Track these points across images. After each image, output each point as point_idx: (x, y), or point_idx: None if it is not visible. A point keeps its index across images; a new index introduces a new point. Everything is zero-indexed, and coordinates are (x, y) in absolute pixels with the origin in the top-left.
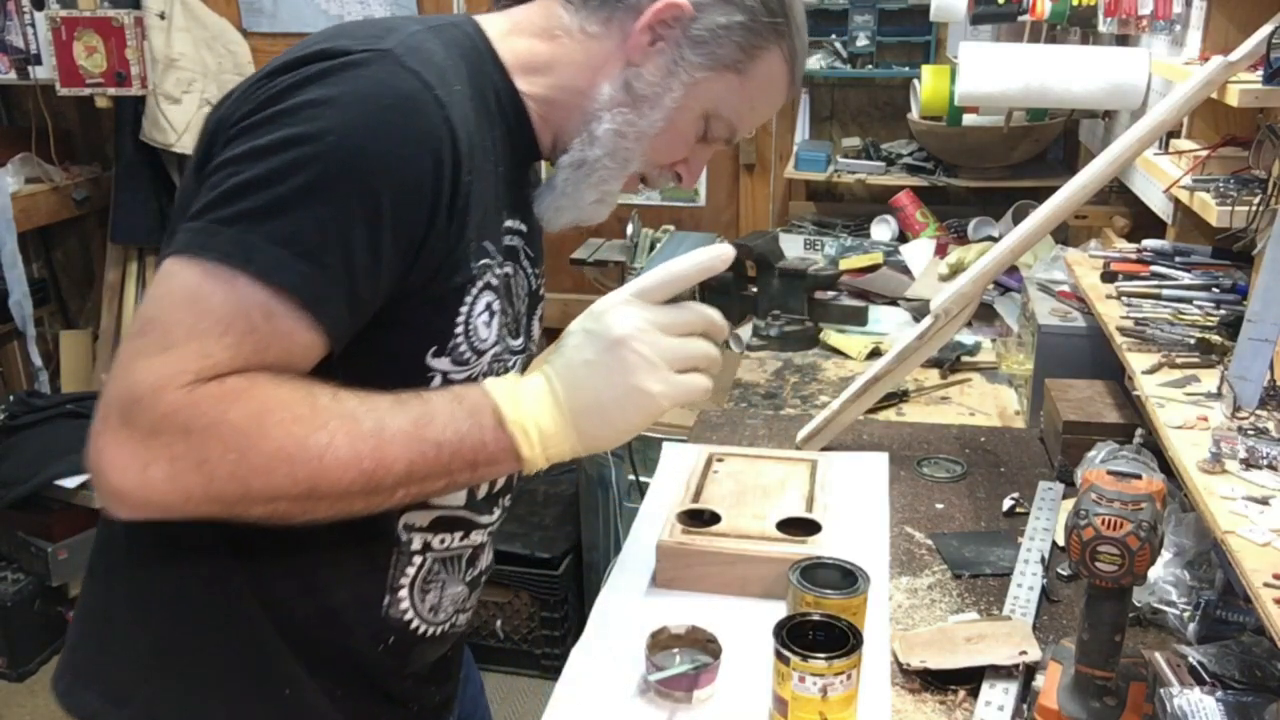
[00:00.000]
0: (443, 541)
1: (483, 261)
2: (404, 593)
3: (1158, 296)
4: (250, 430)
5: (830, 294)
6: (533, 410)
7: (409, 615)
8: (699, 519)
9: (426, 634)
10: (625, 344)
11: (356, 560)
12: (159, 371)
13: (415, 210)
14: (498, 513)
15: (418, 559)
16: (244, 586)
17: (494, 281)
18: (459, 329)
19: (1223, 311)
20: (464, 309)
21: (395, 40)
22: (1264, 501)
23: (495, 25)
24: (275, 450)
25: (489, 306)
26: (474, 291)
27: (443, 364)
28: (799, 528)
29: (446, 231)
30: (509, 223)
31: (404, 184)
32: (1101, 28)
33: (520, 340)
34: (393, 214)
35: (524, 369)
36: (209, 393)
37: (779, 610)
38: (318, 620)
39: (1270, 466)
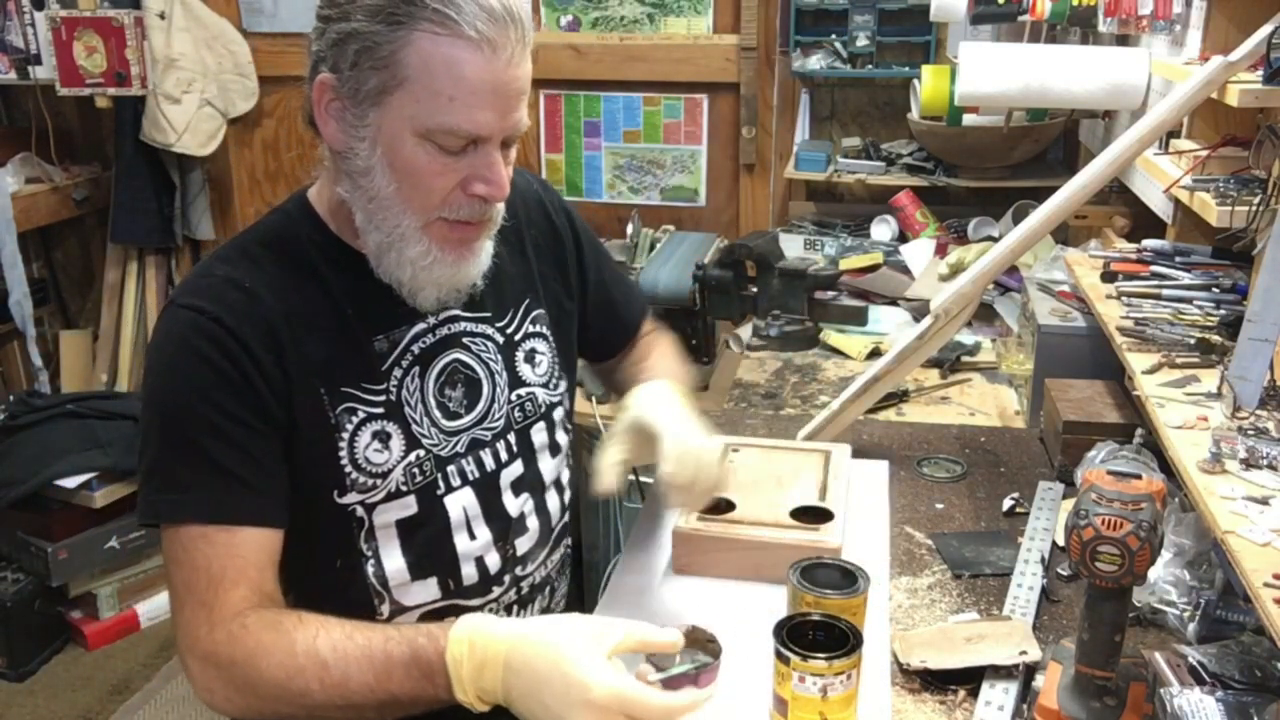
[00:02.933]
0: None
1: (345, 406)
2: None
3: (1158, 296)
4: (251, 675)
5: (830, 294)
6: (479, 687)
7: None
8: (714, 506)
9: None
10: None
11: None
12: (187, 624)
13: (237, 399)
14: (505, 586)
15: None
16: None
17: (375, 410)
18: (346, 467)
19: (1223, 311)
20: (341, 451)
21: (190, 282)
22: (1264, 501)
23: (320, 187)
24: (272, 689)
25: (377, 435)
26: (345, 435)
27: (351, 498)
28: (812, 516)
29: (274, 402)
30: (419, 326)
31: (213, 393)
32: (1101, 28)
33: (499, 404)
34: (223, 416)
35: (533, 412)
36: (219, 641)
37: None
38: None
39: (1270, 466)
